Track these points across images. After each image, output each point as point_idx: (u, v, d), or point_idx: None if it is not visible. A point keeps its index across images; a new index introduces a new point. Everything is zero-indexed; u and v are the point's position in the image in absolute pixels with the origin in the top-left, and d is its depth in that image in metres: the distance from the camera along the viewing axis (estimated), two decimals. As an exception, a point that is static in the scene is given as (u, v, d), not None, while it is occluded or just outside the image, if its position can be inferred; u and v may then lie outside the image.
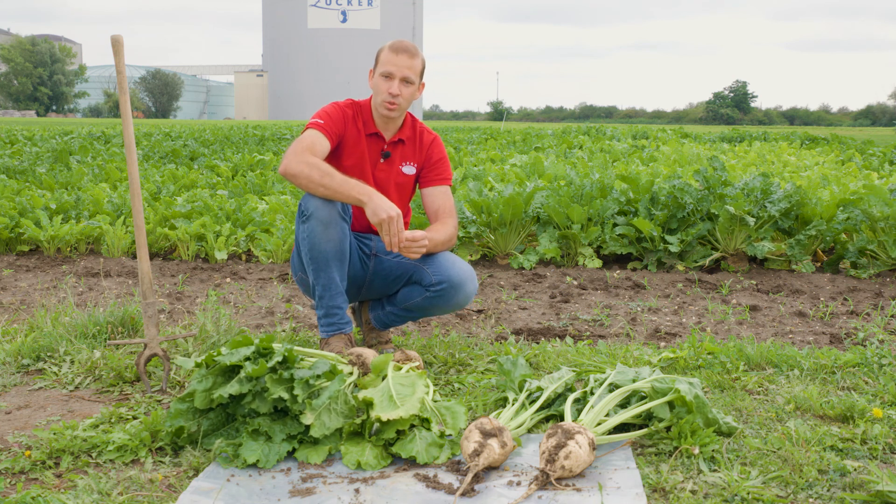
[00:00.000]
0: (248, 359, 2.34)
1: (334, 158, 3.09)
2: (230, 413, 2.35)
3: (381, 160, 3.18)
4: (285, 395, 2.25)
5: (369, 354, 2.74)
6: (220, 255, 5.52)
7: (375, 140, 3.17)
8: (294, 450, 2.26)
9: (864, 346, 3.49)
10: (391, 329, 3.55)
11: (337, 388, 2.34)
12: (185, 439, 2.31)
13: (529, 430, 2.49)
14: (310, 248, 2.97)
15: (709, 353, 3.14)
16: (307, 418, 2.26)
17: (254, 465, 2.20)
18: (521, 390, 2.64)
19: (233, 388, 2.26)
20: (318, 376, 2.36)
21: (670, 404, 2.41)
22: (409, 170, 3.23)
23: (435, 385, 2.85)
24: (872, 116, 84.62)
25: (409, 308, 3.22)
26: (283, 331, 3.62)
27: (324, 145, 2.98)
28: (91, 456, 2.27)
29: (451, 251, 3.46)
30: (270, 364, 2.31)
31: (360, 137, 3.14)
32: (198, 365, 2.36)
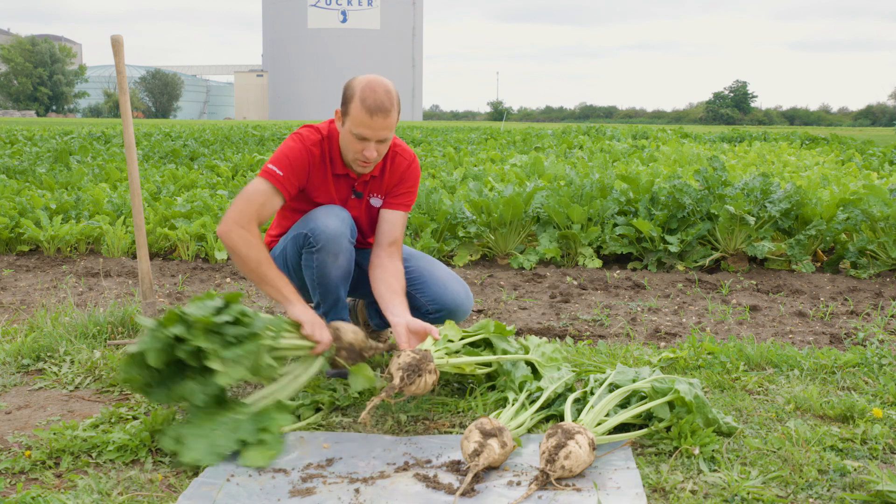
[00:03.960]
0: (217, 312, 2.34)
1: (303, 198, 2.92)
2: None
3: (353, 196, 2.99)
4: (204, 345, 2.24)
5: (347, 330, 2.71)
6: (220, 255, 5.52)
7: (345, 179, 2.95)
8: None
9: (864, 346, 3.49)
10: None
11: (252, 346, 2.33)
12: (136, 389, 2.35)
13: (529, 430, 2.49)
14: (318, 276, 2.89)
15: (709, 353, 3.14)
16: (214, 363, 2.25)
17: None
18: (521, 390, 2.64)
19: (178, 329, 2.25)
20: (253, 334, 2.35)
21: (670, 404, 2.42)
22: (377, 202, 3.04)
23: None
24: (872, 116, 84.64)
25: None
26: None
27: (274, 206, 2.78)
28: (91, 456, 2.27)
29: (450, 258, 3.42)
30: (220, 319, 2.30)
31: (327, 178, 2.91)
32: (160, 322, 2.32)
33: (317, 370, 2.62)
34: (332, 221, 2.82)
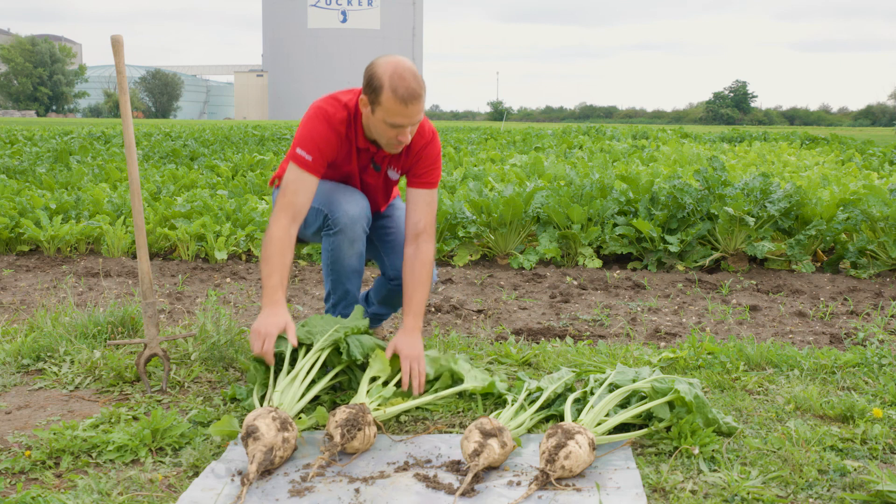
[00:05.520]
0: None
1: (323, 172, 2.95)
2: None
3: (371, 167, 3.04)
4: None
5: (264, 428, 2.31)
6: (220, 255, 5.52)
7: (365, 152, 2.98)
8: None
9: (864, 346, 3.49)
10: (387, 328, 3.59)
11: None
12: None
13: (529, 430, 2.49)
14: (333, 260, 2.99)
15: (709, 353, 3.14)
16: None
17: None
18: (520, 390, 2.64)
19: None
20: None
21: (670, 404, 2.42)
22: (395, 175, 3.09)
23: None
24: (872, 116, 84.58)
25: (382, 302, 3.32)
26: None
27: (309, 189, 2.81)
28: (91, 456, 2.27)
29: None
30: None
31: (350, 152, 2.95)
32: None
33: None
34: (353, 208, 2.91)
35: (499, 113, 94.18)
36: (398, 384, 2.68)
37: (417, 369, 2.68)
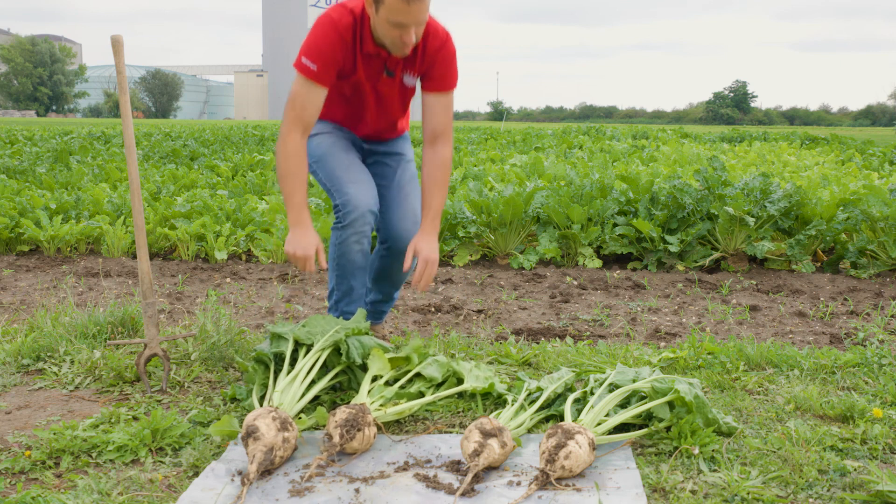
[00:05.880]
0: None
1: (334, 84, 2.92)
2: None
3: (384, 74, 2.95)
4: None
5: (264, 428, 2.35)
6: (220, 255, 5.52)
7: (376, 58, 2.90)
8: None
9: (864, 346, 3.49)
10: (387, 328, 3.59)
11: None
12: None
13: (529, 430, 2.49)
14: (339, 255, 2.99)
15: (709, 353, 3.14)
16: None
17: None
18: (520, 390, 2.64)
19: None
20: None
21: (670, 404, 2.41)
22: (411, 80, 3.01)
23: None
24: (872, 116, 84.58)
25: (377, 279, 3.30)
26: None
27: (317, 101, 2.82)
28: (91, 456, 2.27)
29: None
30: None
31: (357, 61, 2.87)
32: None
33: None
34: (363, 198, 2.92)
35: (499, 113, 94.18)
36: (402, 386, 2.69)
37: (429, 272, 2.85)
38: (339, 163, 3.00)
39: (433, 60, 2.92)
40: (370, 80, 2.95)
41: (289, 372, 2.54)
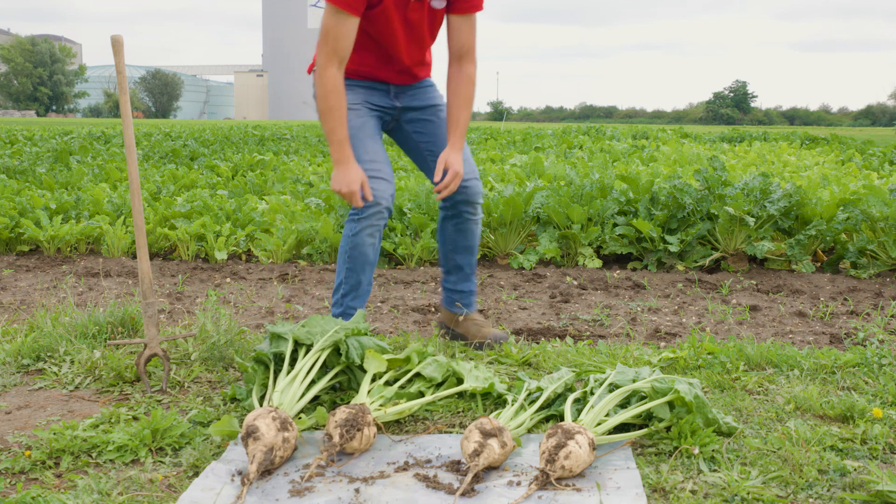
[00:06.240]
0: None
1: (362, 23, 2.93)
2: None
3: (412, 0, 2.95)
4: None
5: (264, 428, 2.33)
6: (220, 255, 5.52)
7: None
8: None
9: (864, 346, 3.49)
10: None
11: None
12: None
13: (529, 430, 2.49)
14: (351, 246, 3.02)
15: (709, 353, 3.14)
16: None
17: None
18: (520, 390, 2.64)
19: None
20: None
21: (670, 404, 2.41)
22: (439, 3, 2.99)
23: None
24: (872, 116, 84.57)
25: (450, 251, 3.31)
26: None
27: (350, 31, 2.84)
28: (91, 456, 2.27)
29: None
30: None
31: None
32: None
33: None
34: (382, 190, 2.96)
35: (499, 113, 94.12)
36: (402, 386, 2.69)
37: (455, 183, 2.96)
38: (363, 151, 3.01)
39: None
40: (398, 7, 2.94)
41: (288, 372, 2.54)
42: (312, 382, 2.56)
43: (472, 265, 3.39)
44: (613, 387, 2.53)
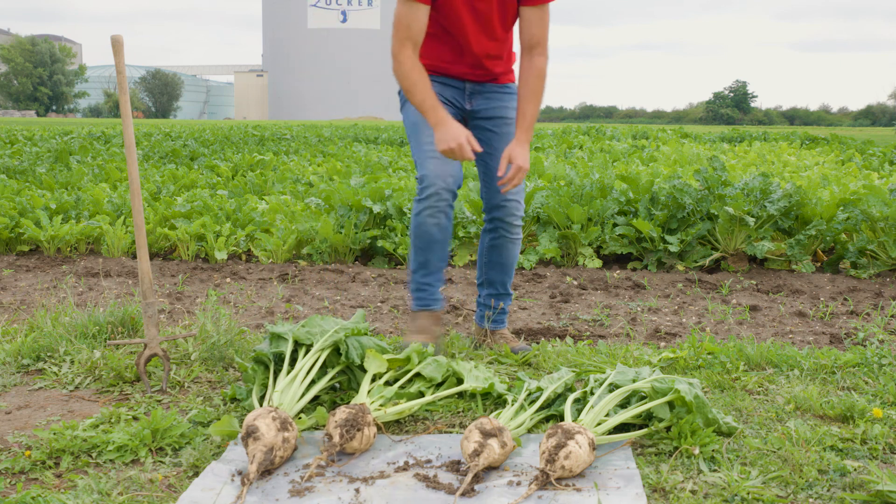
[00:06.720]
0: None
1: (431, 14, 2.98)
2: None
3: None
4: None
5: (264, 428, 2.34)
6: (220, 255, 5.52)
7: None
8: None
9: (864, 346, 3.49)
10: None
11: None
12: None
13: (529, 430, 2.49)
14: (416, 225, 3.07)
15: (709, 353, 3.14)
16: None
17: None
18: (520, 390, 2.64)
19: None
20: None
21: (670, 404, 2.41)
22: None
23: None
24: (872, 116, 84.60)
25: (486, 264, 3.33)
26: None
27: (421, 19, 2.90)
28: (91, 456, 2.27)
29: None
30: None
31: None
32: None
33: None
34: (443, 172, 2.99)
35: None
36: (402, 386, 2.69)
37: (519, 177, 2.95)
38: (429, 135, 3.03)
39: None
40: None
41: (288, 372, 2.54)
42: (312, 382, 2.56)
43: (505, 284, 3.40)
44: (613, 387, 2.53)
